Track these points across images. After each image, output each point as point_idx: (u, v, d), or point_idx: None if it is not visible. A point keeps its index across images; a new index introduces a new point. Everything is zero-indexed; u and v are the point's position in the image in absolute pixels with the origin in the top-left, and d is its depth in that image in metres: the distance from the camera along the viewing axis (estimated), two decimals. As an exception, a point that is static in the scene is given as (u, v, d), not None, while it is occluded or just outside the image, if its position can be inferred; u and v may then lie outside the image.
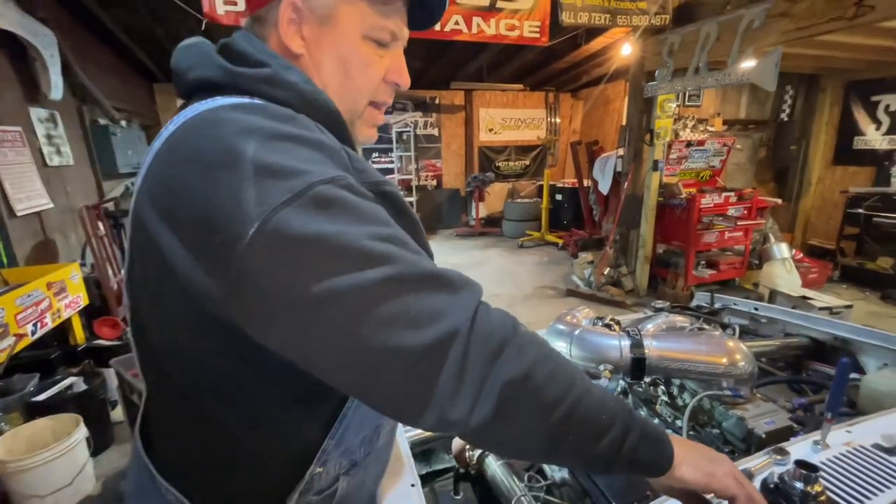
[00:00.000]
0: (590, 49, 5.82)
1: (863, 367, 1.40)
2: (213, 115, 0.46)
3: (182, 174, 0.44)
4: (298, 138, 0.45)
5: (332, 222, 0.41)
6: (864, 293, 4.58)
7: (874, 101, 5.23)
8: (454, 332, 0.41)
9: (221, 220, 0.41)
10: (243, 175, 0.41)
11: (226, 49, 0.54)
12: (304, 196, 0.41)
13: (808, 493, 0.54)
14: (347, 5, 0.54)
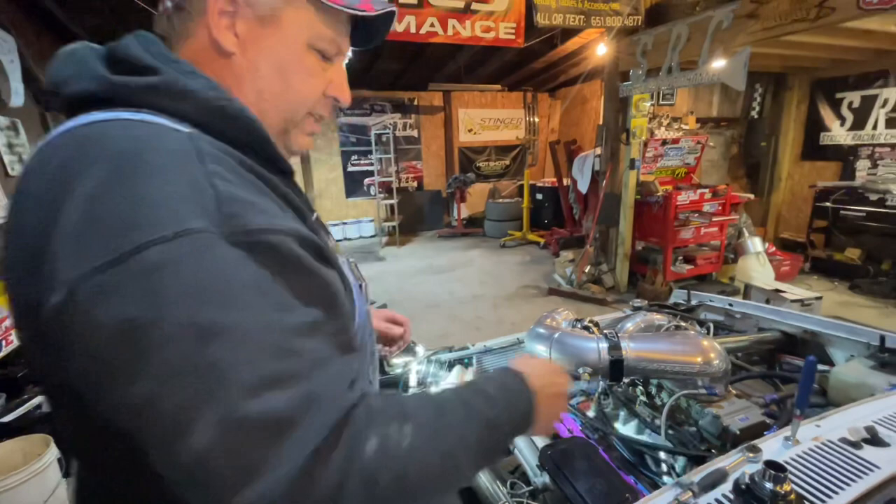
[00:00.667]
0: (566, 49, 5.89)
1: (832, 359, 1.45)
2: (69, 138, 0.40)
3: (20, 212, 0.39)
4: (159, 167, 0.37)
5: (152, 305, 0.33)
6: (834, 284, 4.75)
7: (838, 98, 5.43)
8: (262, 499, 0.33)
9: (31, 276, 0.36)
10: (62, 219, 0.34)
11: (111, 55, 0.46)
12: (124, 263, 0.33)
13: (778, 493, 0.56)
14: (293, 9, 0.50)
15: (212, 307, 0.34)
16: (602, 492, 0.81)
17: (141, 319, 0.33)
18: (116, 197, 0.35)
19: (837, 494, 0.67)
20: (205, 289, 0.34)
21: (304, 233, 0.43)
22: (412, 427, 0.40)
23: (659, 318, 1.40)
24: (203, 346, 0.33)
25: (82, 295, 0.33)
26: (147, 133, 0.40)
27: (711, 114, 6.35)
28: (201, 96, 0.44)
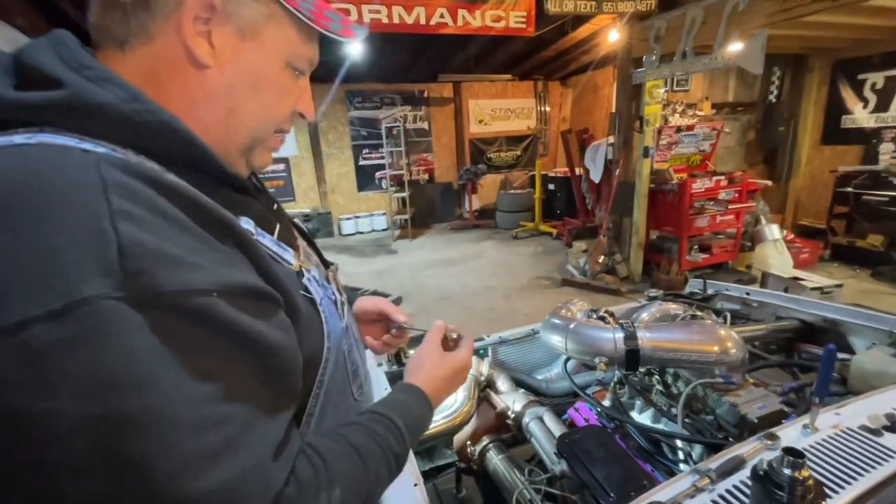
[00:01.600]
0: (577, 37, 5.80)
1: (852, 347, 1.43)
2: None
3: None
4: (41, 216, 0.31)
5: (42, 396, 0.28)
6: (855, 271, 4.64)
7: (861, 79, 5.26)
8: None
9: None
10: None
11: (17, 63, 0.40)
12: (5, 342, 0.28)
13: (796, 479, 0.56)
14: (276, 27, 0.47)
15: (116, 393, 0.30)
16: (619, 478, 0.82)
17: (24, 412, 0.28)
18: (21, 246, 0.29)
19: (857, 481, 0.67)
20: (106, 371, 0.30)
21: (234, 283, 0.38)
22: (339, 491, 0.40)
23: (675, 307, 1.40)
24: (110, 437, 0.30)
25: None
26: (39, 166, 0.33)
27: (727, 99, 6.20)
28: (117, 110, 0.38)
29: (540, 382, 1.52)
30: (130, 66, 0.43)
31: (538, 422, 1.22)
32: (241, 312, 0.37)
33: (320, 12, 0.49)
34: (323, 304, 0.54)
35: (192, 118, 0.44)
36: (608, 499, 0.79)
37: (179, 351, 0.33)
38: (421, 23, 3.71)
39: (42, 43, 0.41)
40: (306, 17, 0.47)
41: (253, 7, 0.45)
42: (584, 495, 0.88)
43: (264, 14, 0.46)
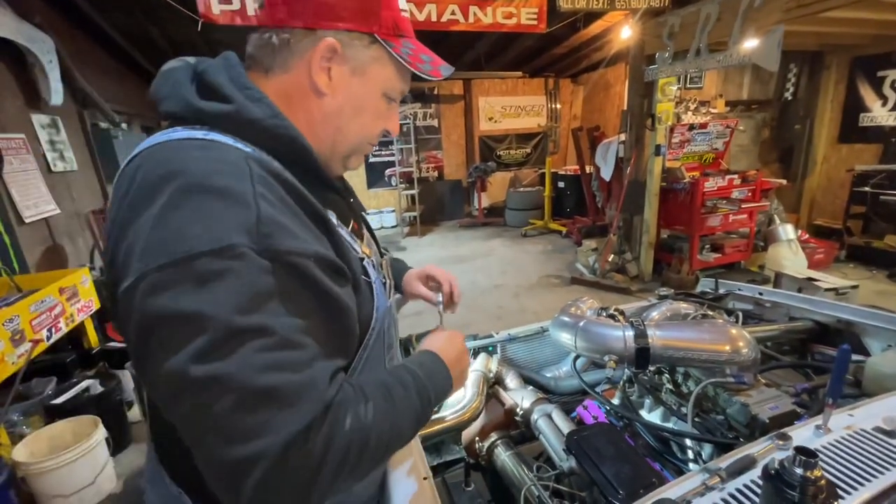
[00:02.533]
0: (589, 33, 5.75)
1: (867, 348, 1.41)
2: (153, 152, 0.50)
3: (115, 217, 0.50)
4: (217, 190, 0.46)
5: (195, 301, 0.42)
6: (872, 272, 4.56)
7: (880, 76, 5.14)
8: (258, 457, 0.41)
9: (120, 265, 0.47)
10: (141, 228, 0.45)
11: (201, 79, 0.56)
12: (177, 265, 0.43)
13: (808, 479, 0.56)
14: (379, 66, 0.62)
15: (241, 309, 0.43)
16: (629, 476, 0.82)
17: (186, 311, 0.42)
18: (184, 210, 0.45)
19: (870, 482, 0.67)
20: (237, 294, 0.43)
21: (323, 255, 0.52)
22: (372, 406, 0.51)
23: (685, 306, 1.39)
24: (230, 337, 0.42)
25: (144, 284, 0.43)
26: (213, 155, 0.49)
27: (742, 96, 6.10)
28: (264, 124, 0.54)
29: (549, 380, 1.53)
30: (271, 88, 0.59)
31: (547, 419, 1.22)
32: (326, 277, 0.52)
33: (417, 55, 0.63)
34: (376, 286, 0.67)
35: (310, 132, 0.60)
36: (617, 496, 0.79)
37: (284, 291, 0.46)
38: (432, 20, 3.71)
39: (219, 64, 0.58)
40: (405, 61, 0.61)
41: (364, 52, 0.60)
42: (592, 492, 0.89)
43: (373, 57, 0.61)
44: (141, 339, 0.45)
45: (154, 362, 0.44)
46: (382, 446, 0.51)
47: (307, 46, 0.57)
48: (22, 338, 2.04)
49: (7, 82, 3.02)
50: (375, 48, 0.60)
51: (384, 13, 0.60)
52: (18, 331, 2.03)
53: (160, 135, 0.52)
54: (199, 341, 0.42)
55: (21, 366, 2.02)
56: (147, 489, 0.68)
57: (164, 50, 4.91)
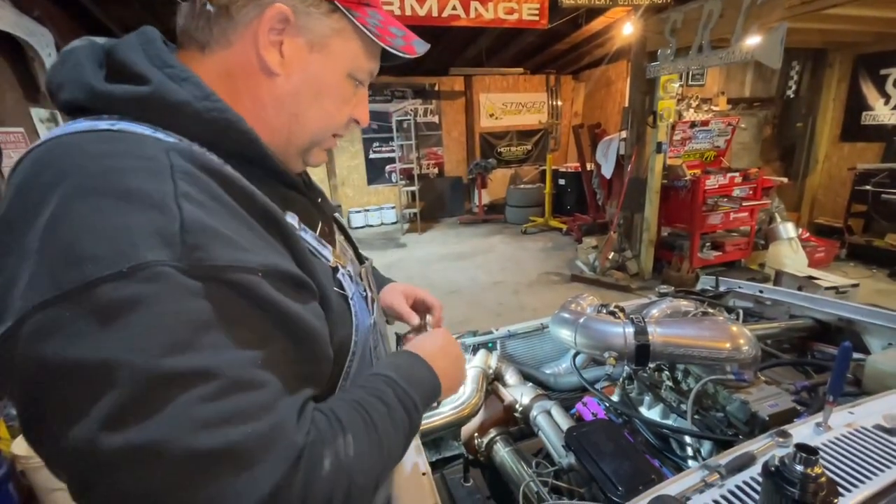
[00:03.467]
0: (590, 29, 5.72)
1: (867, 347, 1.41)
2: (43, 152, 0.39)
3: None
4: (125, 193, 0.35)
5: (100, 345, 0.32)
6: (872, 271, 4.55)
7: (883, 74, 5.12)
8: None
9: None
10: (21, 248, 0.34)
11: (109, 59, 0.45)
12: (72, 298, 0.32)
13: (808, 476, 0.56)
14: (342, 40, 0.51)
15: (165, 348, 0.33)
16: (628, 472, 0.82)
17: (87, 360, 0.31)
18: (75, 223, 0.33)
19: (871, 480, 0.67)
20: (159, 329, 0.33)
21: (276, 266, 0.42)
22: (351, 437, 0.42)
23: (686, 304, 1.38)
24: (154, 388, 0.32)
25: (28, 328, 0.32)
26: (118, 149, 0.38)
27: (744, 94, 6.08)
28: (191, 108, 0.43)
29: (548, 377, 1.52)
30: (208, 68, 0.48)
31: (546, 415, 1.22)
32: (281, 294, 0.41)
33: (386, 28, 0.53)
34: (354, 300, 0.57)
35: (259, 120, 0.49)
36: (616, 492, 0.79)
37: (226, 318, 0.36)
38: (433, 15, 3.69)
39: (132, 40, 0.46)
40: (372, 33, 0.50)
41: (323, 22, 0.49)
42: (591, 489, 0.88)
43: (333, 29, 0.50)
44: (29, 402, 0.33)
45: (50, 435, 0.32)
46: (372, 478, 0.43)
47: (251, 14, 0.46)
48: (21, 332, 2.04)
49: (6, 76, 3.01)
50: (336, 17, 0.49)
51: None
52: (17, 325, 2.02)
53: (55, 130, 0.41)
54: (108, 400, 0.31)
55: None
56: None
57: (163, 44, 4.89)
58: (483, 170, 7.79)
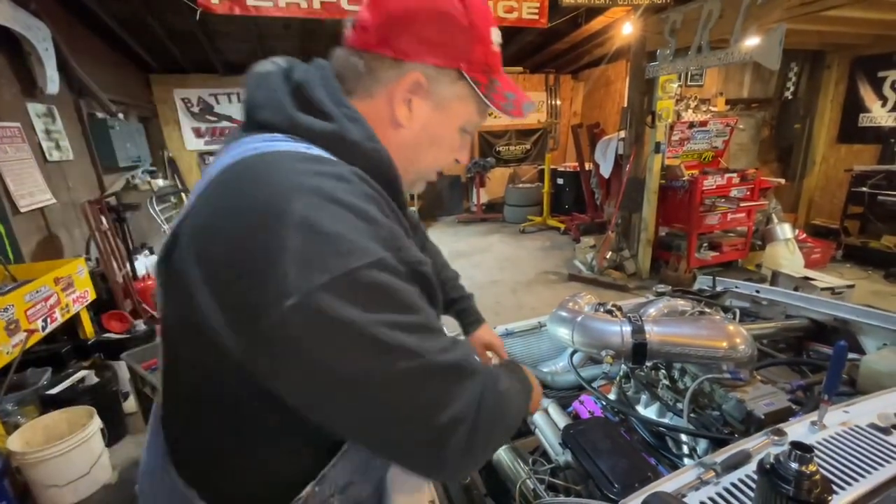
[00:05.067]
0: (590, 29, 5.72)
1: (863, 347, 1.42)
2: (266, 162, 0.48)
3: (227, 226, 0.46)
4: (349, 206, 0.46)
5: (367, 310, 0.43)
6: (868, 272, 4.58)
7: (881, 76, 5.15)
8: (462, 418, 0.48)
9: (259, 285, 0.43)
10: (287, 243, 0.42)
11: (299, 91, 0.55)
12: (342, 280, 0.43)
13: (803, 473, 0.56)
14: (461, 103, 0.61)
15: (407, 309, 0.47)
16: (624, 470, 0.83)
17: (359, 317, 0.43)
18: (325, 227, 0.44)
19: (864, 478, 0.67)
20: (400, 299, 0.47)
21: (426, 260, 0.55)
22: (502, 383, 0.57)
23: (683, 303, 1.39)
24: (408, 332, 0.45)
25: (315, 299, 0.42)
26: (329, 170, 0.49)
27: (742, 95, 6.10)
28: (363, 147, 0.54)
29: (545, 375, 1.53)
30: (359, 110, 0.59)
31: (543, 413, 1.22)
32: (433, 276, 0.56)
33: (501, 94, 0.62)
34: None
35: None
36: (612, 489, 0.79)
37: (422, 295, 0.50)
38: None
39: (315, 77, 0.57)
40: (489, 99, 0.61)
41: (449, 88, 0.60)
42: (588, 486, 0.89)
43: (457, 94, 0.60)
44: (316, 350, 0.43)
45: (334, 369, 0.44)
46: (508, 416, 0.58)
47: (392, 77, 0.57)
48: (17, 327, 2.03)
49: (3, 70, 2.99)
50: (461, 85, 0.60)
51: (476, 49, 0.59)
52: (13, 321, 2.02)
53: (259, 141, 0.51)
54: (391, 343, 0.44)
55: (16, 356, 2.01)
56: (144, 483, 0.66)
57: (161, 39, 4.86)
58: (482, 169, 7.79)
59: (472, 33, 0.59)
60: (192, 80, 6.57)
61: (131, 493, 2.12)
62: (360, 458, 0.64)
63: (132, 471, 2.25)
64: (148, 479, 0.65)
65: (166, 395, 0.60)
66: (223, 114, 6.87)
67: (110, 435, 2.25)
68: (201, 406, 0.56)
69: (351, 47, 0.59)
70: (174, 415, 0.60)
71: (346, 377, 0.44)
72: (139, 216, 4.41)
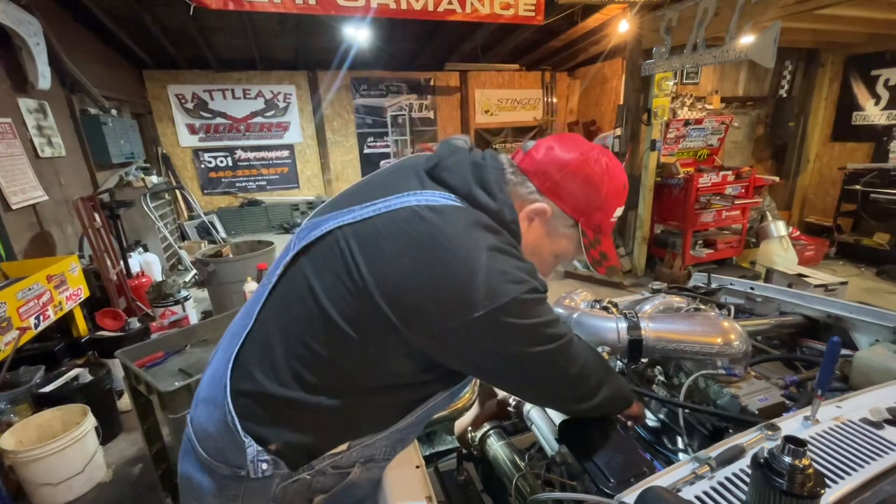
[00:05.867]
0: (586, 26, 5.72)
1: (855, 343, 1.43)
2: (462, 223, 0.69)
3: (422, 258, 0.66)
4: (512, 254, 0.70)
5: (528, 317, 0.67)
6: (860, 269, 4.62)
7: (874, 75, 5.18)
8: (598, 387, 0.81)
9: (454, 301, 0.64)
10: (477, 277, 0.64)
11: (477, 168, 0.76)
12: (513, 302, 0.65)
13: (796, 467, 0.56)
14: (566, 240, 0.83)
15: (553, 320, 0.72)
16: (620, 465, 0.83)
17: (537, 321, 0.69)
18: (503, 265, 0.67)
19: (857, 472, 0.68)
20: (548, 312, 0.71)
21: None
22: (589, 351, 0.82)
23: (678, 300, 1.39)
24: (553, 330, 0.71)
25: (495, 315, 0.64)
26: (494, 229, 0.71)
27: (737, 93, 6.12)
28: (508, 224, 0.74)
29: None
30: None
31: (539, 410, 1.23)
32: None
33: (597, 250, 0.84)
34: None
35: None
36: (608, 484, 0.80)
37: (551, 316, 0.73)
38: (429, 9, 3.67)
39: (491, 165, 0.78)
40: (587, 252, 0.83)
41: (564, 227, 0.81)
42: (583, 481, 0.89)
43: (566, 235, 0.82)
44: (504, 340, 0.67)
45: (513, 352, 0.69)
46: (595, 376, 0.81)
47: (530, 198, 0.78)
48: (9, 325, 2.01)
49: (-7, 65, 2.96)
50: (573, 230, 0.81)
51: (597, 215, 0.80)
52: (5, 318, 2.00)
53: (446, 199, 0.71)
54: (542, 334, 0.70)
55: (8, 353, 1.99)
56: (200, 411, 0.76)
57: (155, 35, 4.82)
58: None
59: (601, 204, 0.79)
60: (186, 76, 6.51)
61: (126, 491, 2.11)
62: (397, 439, 0.79)
63: (127, 468, 2.24)
64: (204, 408, 0.75)
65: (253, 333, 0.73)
66: (217, 110, 6.81)
67: (105, 433, 2.24)
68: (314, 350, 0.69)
69: (514, 161, 0.81)
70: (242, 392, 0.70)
71: (517, 355, 0.69)
72: (133, 213, 4.37)
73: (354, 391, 0.71)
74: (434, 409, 0.82)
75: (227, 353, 0.75)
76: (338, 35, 5.30)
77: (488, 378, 0.75)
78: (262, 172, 7.36)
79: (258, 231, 6.97)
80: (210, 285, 3.45)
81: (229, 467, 0.70)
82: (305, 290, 0.70)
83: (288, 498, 0.72)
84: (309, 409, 0.69)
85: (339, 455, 0.72)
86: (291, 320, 0.71)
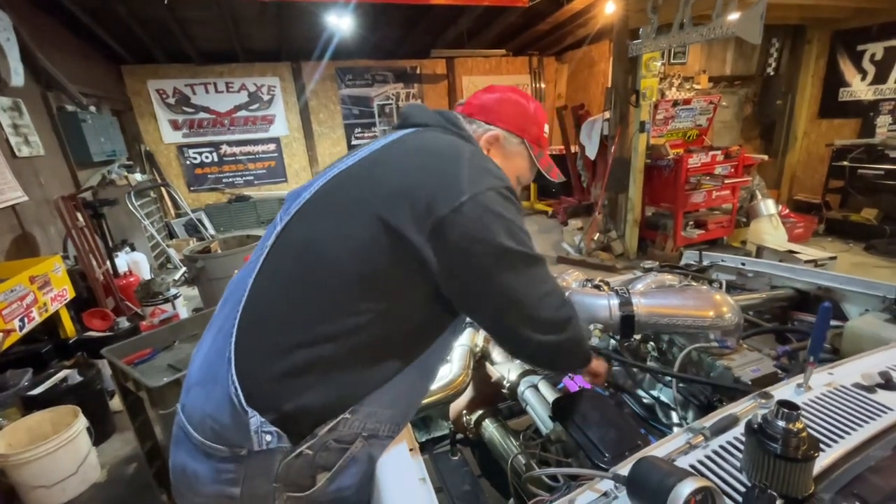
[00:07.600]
0: (572, 9, 5.65)
1: (846, 314, 1.44)
2: (440, 137, 0.86)
3: (416, 161, 0.79)
4: (490, 160, 0.85)
5: (508, 211, 0.75)
6: (849, 245, 4.67)
7: (860, 50, 5.19)
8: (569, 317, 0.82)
9: (444, 187, 0.73)
10: (462, 169, 0.75)
11: (440, 112, 0.92)
12: (496, 190, 0.75)
13: (790, 431, 0.56)
14: (520, 158, 0.98)
15: (520, 212, 0.79)
16: (614, 439, 0.82)
17: (505, 211, 0.75)
18: (485, 165, 0.80)
19: (850, 435, 0.68)
20: (517, 207, 0.79)
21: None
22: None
23: (670, 278, 1.39)
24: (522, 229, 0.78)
25: (479, 198, 0.73)
26: (470, 145, 0.86)
27: (725, 72, 6.11)
28: (469, 136, 0.92)
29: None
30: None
31: (533, 390, 1.22)
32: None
33: (543, 163, 1.00)
34: None
35: None
36: (603, 459, 0.79)
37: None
38: (412, -7, 3.60)
39: (449, 113, 0.94)
40: (538, 161, 0.99)
41: (514, 147, 0.97)
42: (578, 457, 0.89)
43: (518, 152, 0.97)
44: (473, 229, 0.72)
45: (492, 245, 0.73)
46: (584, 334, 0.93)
47: (481, 131, 0.94)
48: (-8, 328, 1.97)
49: (-38, 62, 2.85)
50: (521, 146, 0.97)
51: (533, 129, 0.97)
52: (-12, 321, 1.95)
53: (422, 130, 0.88)
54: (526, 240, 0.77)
55: (-7, 356, 1.95)
56: (195, 394, 0.75)
57: (132, 28, 4.68)
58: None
59: (534, 118, 0.97)
60: (166, 70, 6.36)
61: (121, 491, 2.09)
62: (399, 411, 0.79)
63: (121, 468, 2.22)
64: (200, 389, 0.75)
65: (263, 302, 0.75)
66: (200, 105, 6.68)
67: (97, 433, 2.21)
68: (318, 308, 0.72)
69: (463, 113, 0.97)
70: (245, 361, 0.71)
71: (500, 246, 0.72)
72: (118, 212, 4.28)
73: (359, 330, 0.72)
74: (435, 357, 0.84)
75: (225, 329, 0.76)
76: (320, 23, 5.19)
77: (467, 287, 0.74)
78: (249, 167, 7.24)
79: (247, 227, 6.88)
80: (199, 282, 3.40)
81: (229, 448, 0.70)
82: (302, 248, 0.76)
83: (291, 476, 0.71)
84: (314, 363, 0.70)
85: (341, 423, 0.72)
86: (291, 282, 0.74)
